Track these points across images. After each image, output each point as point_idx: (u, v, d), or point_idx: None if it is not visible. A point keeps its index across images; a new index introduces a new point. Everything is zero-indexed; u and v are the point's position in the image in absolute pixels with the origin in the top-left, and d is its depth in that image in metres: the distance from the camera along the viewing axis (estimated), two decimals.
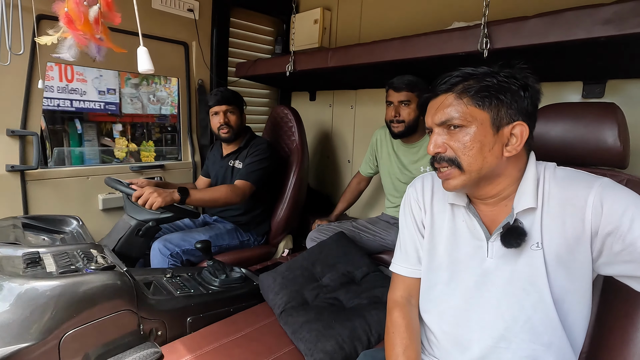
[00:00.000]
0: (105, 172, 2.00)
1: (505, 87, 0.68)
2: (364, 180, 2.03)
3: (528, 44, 1.13)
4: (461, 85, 0.69)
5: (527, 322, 0.70)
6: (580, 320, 0.71)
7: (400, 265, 0.88)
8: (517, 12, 1.22)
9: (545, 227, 0.68)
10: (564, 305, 0.69)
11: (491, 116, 0.68)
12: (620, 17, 0.96)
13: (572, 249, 0.67)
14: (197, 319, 1.23)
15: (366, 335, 1.10)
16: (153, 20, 2.02)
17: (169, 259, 1.61)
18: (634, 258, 0.61)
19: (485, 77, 0.68)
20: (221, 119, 1.80)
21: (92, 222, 1.94)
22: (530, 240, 0.69)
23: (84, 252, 1.23)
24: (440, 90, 0.71)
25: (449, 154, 0.70)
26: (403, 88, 1.57)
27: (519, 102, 0.68)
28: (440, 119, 0.70)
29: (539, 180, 0.71)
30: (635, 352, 0.75)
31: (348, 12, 2.30)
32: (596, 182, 0.65)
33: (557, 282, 0.68)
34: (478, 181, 0.71)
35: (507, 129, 0.68)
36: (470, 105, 0.68)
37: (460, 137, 0.69)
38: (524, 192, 0.70)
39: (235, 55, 2.48)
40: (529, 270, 0.69)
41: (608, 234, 0.63)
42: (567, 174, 0.70)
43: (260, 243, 1.96)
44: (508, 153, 0.69)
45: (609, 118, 0.84)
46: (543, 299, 0.68)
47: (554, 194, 0.69)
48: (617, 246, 0.62)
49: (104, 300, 1.03)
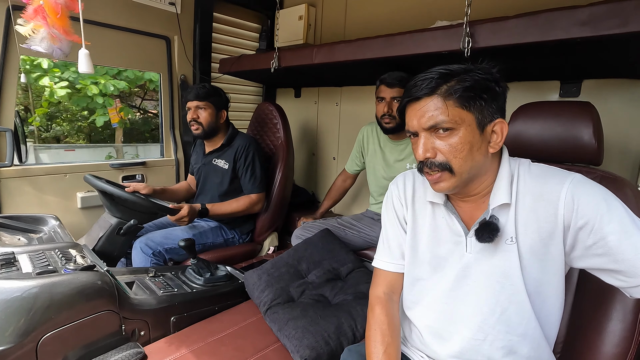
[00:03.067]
0: (84, 170, 1.94)
1: (485, 85, 0.68)
2: (350, 177, 2.03)
3: (508, 43, 1.15)
4: (445, 86, 0.68)
5: (503, 314, 0.72)
6: (554, 312, 0.74)
7: (384, 261, 0.89)
8: (498, 12, 1.25)
9: (519, 222, 0.70)
10: (538, 298, 0.71)
11: (476, 116, 0.68)
12: (595, 19, 0.99)
13: (545, 243, 0.69)
14: (181, 318, 1.22)
15: (351, 331, 1.11)
16: (132, 14, 1.96)
17: (152, 257, 1.58)
18: (604, 252, 0.63)
19: (465, 77, 0.68)
20: (191, 114, 1.78)
21: (70, 221, 1.89)
22: (504, 235, 0.71)
23: (62, 251, 1.20)
24: (423, 94, 0.69)
25: (439, 159, 0.70)
26: (396, 84, 1.58)
27: (497, 99, 0.70)
28: (428, 123, 0.69)
29: (514, 176, 0.72)
30: (608, 341, 0.78)
31: (333, 9, 2.29)
32: (568, 178, 0.68)
33: (531, 275, 0.70)
34: (467, 181, 0.72)
35: (490, 127, 0.70)
36: (457, 107, 0.67)
37: (449, 140, 0.68)
38: (498, 188, 0.72)
39: (218, 51, 2.44)
40: (504, 264, 0.71)
41: (580, 228, 0.65)
42: (541, 170, 0.72)
43: (245, 241, 1.94)
44: (492, 149, 0.71)
45: (584, 116, 0.87)
46: (518, 291, 0.70)
47: (528, 190, 0.71)
48: (589, 240, 0.64)
49: (84, 301, 1.01)
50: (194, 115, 1.78)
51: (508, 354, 0.73)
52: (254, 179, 1.81)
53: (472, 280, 0.75)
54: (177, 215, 1.57)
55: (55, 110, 7.62)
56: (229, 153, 1.83)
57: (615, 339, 0.78)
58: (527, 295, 0.70)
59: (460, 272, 0.76)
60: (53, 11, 0.97)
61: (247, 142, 1.83)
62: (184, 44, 2.19)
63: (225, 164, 1.83)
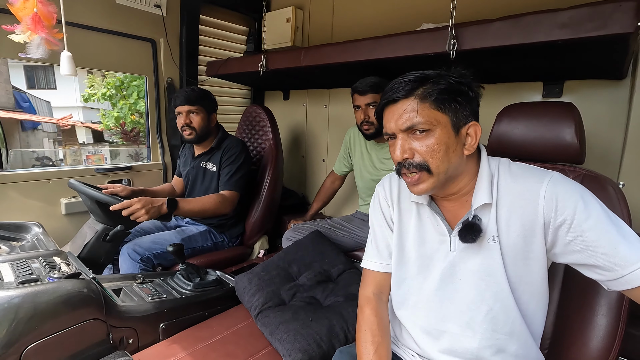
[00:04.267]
0: (68, 175, 1.90)
1: (458, 89, 0.70)
2: (339, 178, 2.04)
3: (492, 45, 1.18)
4: (421, 89, 0.70)
5: (489, 313, 0.73)
6: (539, 309, 0.76)
7: (372, 261, 0.90)
8: (482, 15, 1.27)
9: (501, 221, 0.72)
10: (523, 295, 0.73)
11: (451, 118, 0.71)
12: (576, 22, 1.02)
13: (527, 241, 0.71)
14: (170, 324, 1.20)
15: (343, 332, 1.11)
16: (117, 16, 1.93)
17: (139, 263, 1.55)
18: (583, 247, 0.65)
19: (440, 80, 0.70)
20: (183, 120, 1.74)
21: (54, 228, 1.84)
22: (486, 234, 0.72)
23: (46, 259, 1.16)
24: (399, 96, 0.71)
25: (417, 160, 0.71)
26: (367, 91, 1.59)
27: (470, 103, 0.72)
28: (405, 124, 0.71)
29: (494, 176, 0.74)
30: (594, 335, 0.80)
31: (320, 12, 2.30)
32: (547, 177, 0.70)
33: (514, 273, 0.72)
34: (445, 182, 0.74)
35: (464, 129, 0.72)
36: (433, 109, 0.70)
37: (426, 141, 0.70)
38: (479, 188, 0.74)
39: (205, 53, 2.42)
40: (487, 262, 0.73)
41: (560, 226, 0.67)
42: (521, 170, 0.74)
43: (235, 244, 1.92)
44: (467, 151, 0.73)
45: (566, 117, 0.90)
46: (502, 289, 0.72)
47: (508, 189, 0.73)
48: (568, 237, 0.67)
49: (69, 310, 0.98)
50: (186, 120, 1.74)
51: (497, 353, 0.74)
52: (229, 176, 1.75)
53: (457, 279, 0.76)
54: (122, 204, 1.34)
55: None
56: (217, 155, 1.82)
57: (600, 333, 0.80)
58: (510, 292, 0.72)
59: (446, 271, 0.77)
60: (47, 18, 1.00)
61: (235, 143, 1.82)
62: (170, 47, 2.17)
63: (213, 166, 1.81)
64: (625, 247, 0.62)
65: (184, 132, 1.76)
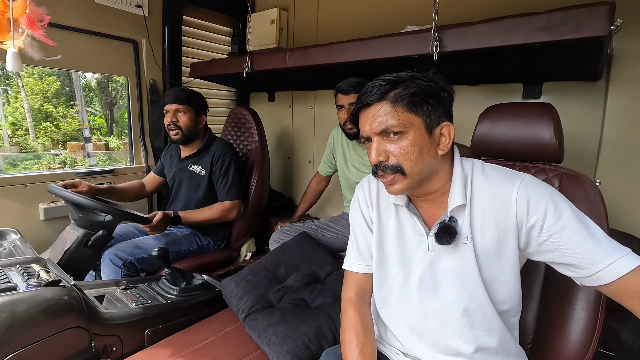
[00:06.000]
0: (46, 179, 1.84)
1: (430, 91, 0.72)
2: (324, 179, 2.04)
3: (474, 47, 1.20)
4: (393, 92, 0.72)
5: (466, 310, 0.75)
6: (514, 306, 0.78)
7: (354, 263, 0.91)
8: (464, 18, 1.30)
9: (475, 222, 0.74)
10: (498, 295, 0.75)
11: (424, 120, 0.72)
12: (552, 25, 1.05)
13: (500, 242, 0.73)
14: (155, 330, 1.17)
15: (332, 333, 1.11)
16: (97, 16, 1.89)
17: (122, 269, 1.51)
18: (555, 247, 0.68)
19: (412, 83, 0.72)
20: (169, 118, 1.73)
21: (32, 234, 1.78)
22: (461, 235, 0.74)
23: (24, 267, 1.13)
24: (373, 100, 0.73)
25: (391, 162, 0.73)
26: (350, 90, 1.61)
27: (443, 104, 0.73)
28: (379, 127, 0.72)
29: (467, 177, 0.76)
30: (574, 329, 0.83)
31: (305, 13, 2.30)
32: (518, 179, 0.72)
33: (488, 272, 0.74)
34: (419, 182, 0.75)
35: (438, 130, 0.73)
36: (406, 112, 0.71)
37: (400, 143, 0.72)
38: (454, 190, 0.75)
39: (189, 55, 2.39)
40: (462, 262, 0.75)
41: (532, 227, 0.69)
42: (494, 172, 0.76)
43: (221, 247, 1.90)
44: (441, 151, 0.74)
45: (545, 117, 0.92)
46: (477, 288, 0.74)
47: (482, 191, 0.74)
48: (541, 237, 0.69)
49: (49, 319, 0.95)
50: (173, 118, 1.72)
51: (478, 350, 0.75)
52: (228, 186, 1.77)
53: (436, 277, 0.78)
54: (152, 223, 1.52)
55: None
56: (206, 159, 1.79)
57: (580, 327, 0.82)
58: (485, 291, 0.74)
59: (425, 270, 0.78)
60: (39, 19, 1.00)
61: (224, 148, 1.80)
62: (153, 48, 2.13)
63: (202, 170, 1.79)
64: (594, 246, 0.65)
65: (170, 130, 1.75)
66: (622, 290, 0.64)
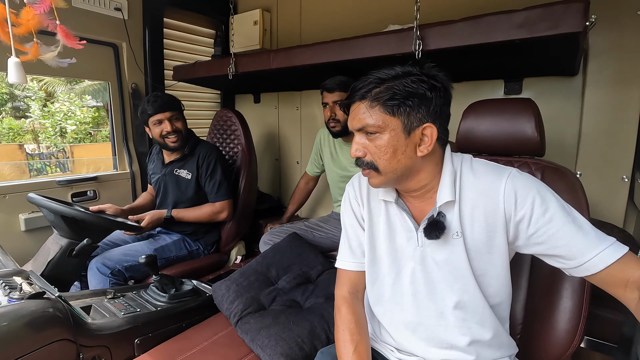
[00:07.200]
0: (26, 189, 1.79)
1: (411, 91, 0.71)
2: (312, 179, 2.05)
3: (455, 45, 1.22)
4: (373, 92, 0.72)
5: (458, 304, 0.76)
6: (505, 298, 0.80)
7: (346, 261, 0.91)
8: (445, 16, 1.32)
9: (465, 218, 0.75)
10: (489, 288, 0.76)
11: (402, 121, 0.72)
12: (530, 22, 1.08)
13: (489, 236, 0.74)
14: (145, 339, 1.15)
15: (325, 333, 1.11)
16: (75, 19, 1.84)
17: (110, 277, 1.48)
18: (544, 240, 0.69)
19: (394, 84, 0.71)
20: (168, 126, 1.68)
21: (13, 246, 1.72)
22: (451, 230, 0.75)
23: (5, 280, 1.09)
24: (356, 97, 0.74)
25: (367, 159, 0.75)
26: (335, 89, 1.62)
27: (427, 104, 0.72)
28: (358, 125, 0.74)
29: (456, 173, 0.77)
30: (561, 317, 0.85)
31: (288, 14, 2.30)
32: (505, 173, 0.73)
33: (479, 266, 0.75)
34: (397, 180, 0.76)
35: (418, 131, 0.73)
36: (382, 113, 0.71)
37: (376, 142, 0.73)
38: (443, 186, 0.76)
39: (171, 57, 2.36)
40: (453, 257, 0.76)
41: (520, 220, 0.71)
42: (482, 167, 0.77)
43: (211, 252, 1.88)
44: (421, 153, 0.74)
45: (526, 112, 0.94)
46: (468, 281, 0.75)
47: (470, 186, 0.75)
48: (529, 230, 0.70)
49: (34, 332, 0.92)
50: (172, 127, 1.69)
51: (472, 343, 0.77)
52: (216, 187, 1.76)
53: (428, 272, 0.78)
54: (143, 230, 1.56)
55: None
56: (192, 162, 1.77)
57: (567, 315, 0.84)
58: (477, 284, 0.75)
59: (417, 266, 0.79)
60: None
61: (208, 150, 1.78)
62: (134, 51, 2.09)
63: (188, 174, 1.76)
64: (581, 237, 0.67)
65: (168, 139, 1.70)
66: (608, 278, 0.66)
